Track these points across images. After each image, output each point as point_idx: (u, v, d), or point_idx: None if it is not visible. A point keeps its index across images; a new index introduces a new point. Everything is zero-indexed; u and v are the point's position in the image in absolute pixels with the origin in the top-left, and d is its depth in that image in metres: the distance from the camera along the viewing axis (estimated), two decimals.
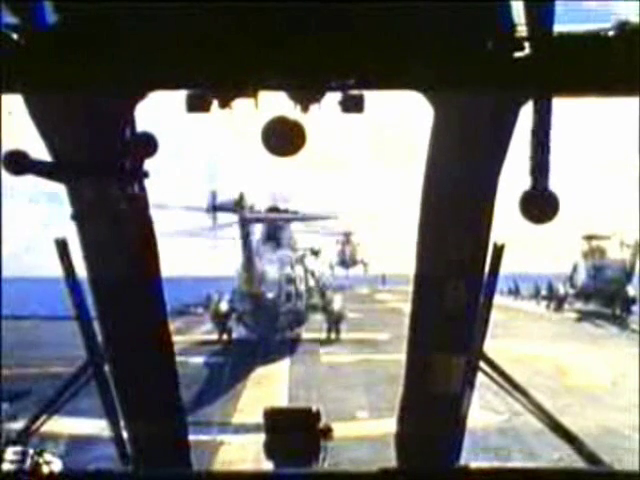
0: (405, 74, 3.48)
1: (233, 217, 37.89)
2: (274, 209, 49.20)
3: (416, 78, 3.52)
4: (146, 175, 4.51)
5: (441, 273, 5.25)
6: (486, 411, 20.56)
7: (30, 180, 4.21)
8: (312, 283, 47.69)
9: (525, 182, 3.73)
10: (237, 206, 36.78)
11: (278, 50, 3.37)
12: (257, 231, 45.09)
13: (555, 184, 3.79)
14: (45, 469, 5.43)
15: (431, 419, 5.83)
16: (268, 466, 6.04)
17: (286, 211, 50.39)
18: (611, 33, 3.39)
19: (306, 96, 3.55)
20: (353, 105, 3.60)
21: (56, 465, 5.56)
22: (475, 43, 3.42)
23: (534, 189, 3.72)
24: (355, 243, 57.08)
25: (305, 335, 44.11)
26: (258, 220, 44.30)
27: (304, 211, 52.24)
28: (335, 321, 44.00)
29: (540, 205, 3.72)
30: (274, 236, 47.80)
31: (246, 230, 37.01)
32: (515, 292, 74.29)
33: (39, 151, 4.16)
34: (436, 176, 4.80)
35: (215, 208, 41.02)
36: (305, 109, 3.58)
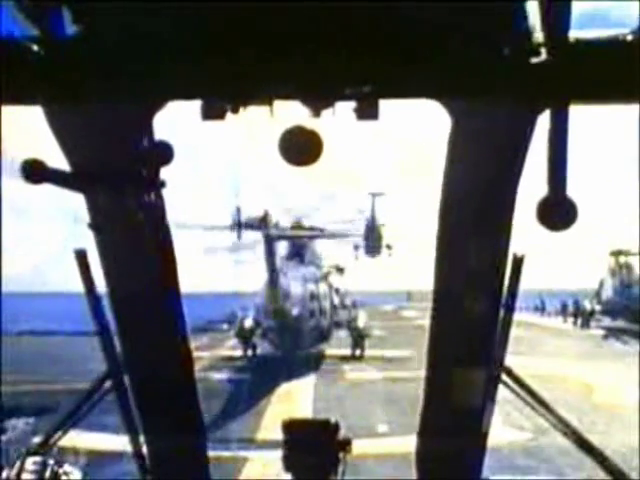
0: (420, 82, 3.45)
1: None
2: (298, 226, 49.27)
3: (431, 86, 3.50)
4: (163, 185, 4.51)
5: (461, 286, 5.18)
6: (510, 428, 20.34)
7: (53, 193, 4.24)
8: (336, 300, 47.64)
9: (543, 191, 3.68)
10: (262, 223, 36.88)
11: (293, 58, 3.36)
12: (281, 248, 45.12)
13: (583, 201, 3.73)
14: None
15: (452, 435, 5.75)
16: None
17: (310, 228, 50.46)
18: (630, 37, 3.34)
19: (321, 104, 3.54)
20: (368, 112, 3.57)
21: (75, 476, 5.57)
22: (491, 50, 3.39)
23: (552, 196, 3.66)
24: (380, 224, 54.81)
25: (330, 351, 44.00)
26: (282, 237, 44.34)
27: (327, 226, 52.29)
28: (360, 338, 43.87)
29: (558, 213, 3.66)
30: (298, 253, 47.84)
31: (270, 247, 37.05)
32: (541, 309, 73.87)
33: (57, 160, 4.18)
34: (454, 186, 4.74)
35: (240, 225, 41.23)
36: (321, 117, 3.57)
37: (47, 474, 5.40)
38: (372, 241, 54.00)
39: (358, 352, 43.33)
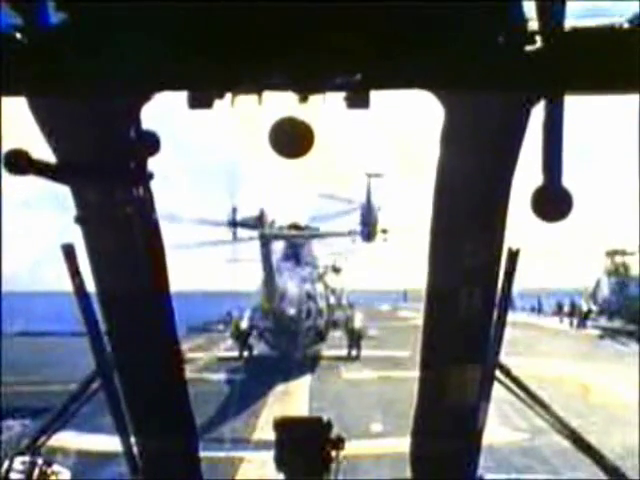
0: (412, 72, 3.39)
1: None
2: (294, 226, 49.22)
3: (423, 76, 3.43)
4: (151, 177, 4.45)
5: (455, 282, 5.12)
6: (506, 427, 20.30)
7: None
8: (333, 300, 47.60)
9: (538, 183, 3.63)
10: (258, 222, 36.87)
11: (282, 48, 3.30)
12: (277, 248, 45.09)
13: (580, 201, 3.68)
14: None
15: (447, 434, 5.68)
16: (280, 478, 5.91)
17: (306, 228, 50.43)
18: (626, 26, 3.29)
19: (312, 95, 3.48)
20: (358, 101, 3.51)
21: (64, 476, 5.50)
22: (485, 39, 3.34)
23: (547, 187, 3.61)
24: (376, 207, 53.29)
25: (326, 352, 43.97)
26: (278, 237, 44.30)
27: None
28: (356, 338, 43.86)
29: (553, 203, 3.61)
30: (295, 253, 47.79)
31: (266, 247, 37.02)
32: (538, 309, 74.13)
33: (42, 152, 4.11)
34: (447, 178, 4.68)
35: (236, 224, 41.24)
36: (311, 108, 3.51)
37: (35, 474, 5.34)
38: (368, 226, 52.86)
39: (354, 352, 43.30)
